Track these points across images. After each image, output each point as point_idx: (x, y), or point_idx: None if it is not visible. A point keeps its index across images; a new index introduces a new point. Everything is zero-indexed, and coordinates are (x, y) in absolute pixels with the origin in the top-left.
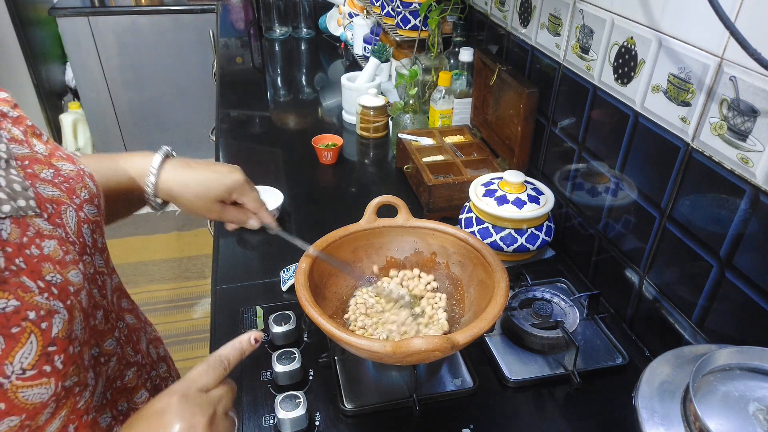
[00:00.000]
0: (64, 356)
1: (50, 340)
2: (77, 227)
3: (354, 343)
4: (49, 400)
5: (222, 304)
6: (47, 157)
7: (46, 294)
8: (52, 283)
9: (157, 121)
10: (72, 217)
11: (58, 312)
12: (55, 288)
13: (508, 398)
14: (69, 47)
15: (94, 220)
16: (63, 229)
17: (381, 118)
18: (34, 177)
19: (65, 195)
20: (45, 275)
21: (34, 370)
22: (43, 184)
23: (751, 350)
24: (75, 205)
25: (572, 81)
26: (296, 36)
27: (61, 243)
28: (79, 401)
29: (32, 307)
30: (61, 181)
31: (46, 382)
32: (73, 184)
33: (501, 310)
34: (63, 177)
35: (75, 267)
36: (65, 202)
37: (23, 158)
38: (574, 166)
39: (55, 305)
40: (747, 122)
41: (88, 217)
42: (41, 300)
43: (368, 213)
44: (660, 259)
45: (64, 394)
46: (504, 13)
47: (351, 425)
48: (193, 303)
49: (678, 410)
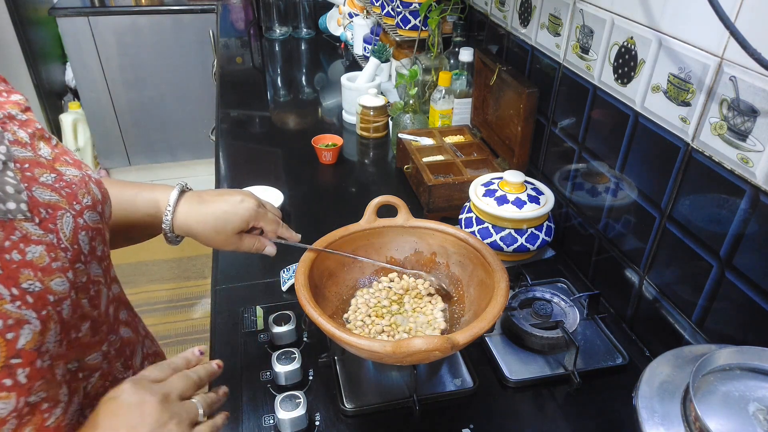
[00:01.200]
0: (29, 370)
1: (15, 352)
2: (73, 234)
3: (354, 343)
4: (8, 416)
5: (222, 305)
6: (51, 162)
7: (19, 302)
8: (29, 291)
9: (157, 120)
10: (68, 223)
11: (28, 322)
12: (31, 296)
13: (508, 398)
14: (69, 47)
15: (94, 227)
16: (55, 235)
17: (381, 118)
18: (32, 180)
19: (64, 200)
20: (22, 282)
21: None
22: (41, 188)
23: (751, 350)
24: (74, 211)
25: (572, 81)
26: (296, 36)
27: (49, 249)
28: (48, 418)
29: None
30: (62, 186)
31: (6, 396)
32: (75, 189)
33: (501, 310)
34: (65, 182)
35: (62, 275)
36: (63, 207)
37: (24, 161)
38: (574, 166)
39: (27, 314)
40: (747, 122)
41: (88, 223)
42: (11, 308)
43: (368, 213)
44: (660, 259)
45: (27, 410)
46: (504, 13)
47: (351, 425)
48: (193, 303)
49: (678, 410)
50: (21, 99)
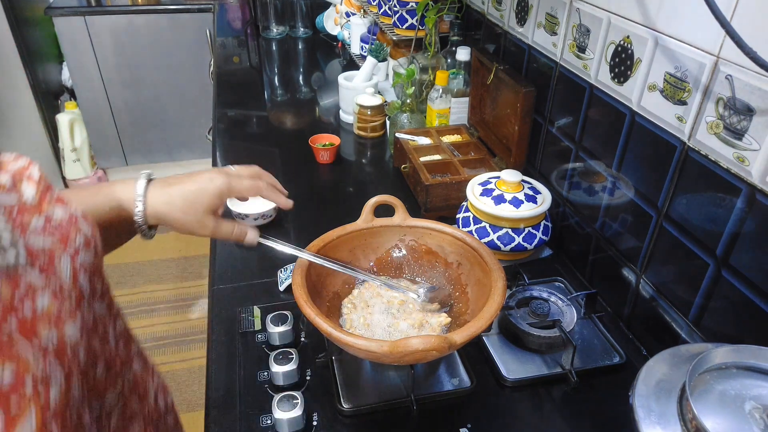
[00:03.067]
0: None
1: (48, 413)
2: (72, 276)
3: (351, 343)
4: None
5: (219, 305)
6: (37, 205)
7: (42, 358)
8: (49, 345)
9: (154, 120)
10: (66, 266)
11: (53, 377)
12: (53, 349)
13: (506, 397)
14: (65, 47)
15: (91, 266)
16: (57, 280)
17: (378, 117)
18: (23, 228)
19: (58, 243)
20: (41, 335)
21: None
22: (34, 235)
23: (747, 349)
24: (69, 252)
25: (569, 80)
26: (293, 35)
27: (55, 296)
28: None
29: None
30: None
31: None
32: (65, 231)
33: (498, 309)
34: (54, 225)
35: (72, 320)
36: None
37: (11, 208)
38: (571, 165)
39: (53, 370)
40: (743, 121)
41: (85, 263)
42: (37, 367)
43: (365, 212)
44: (657, 257)
45: None
46: (501, 12)
47: (348, 425)
48: (190, 303)
49: (674, 409)
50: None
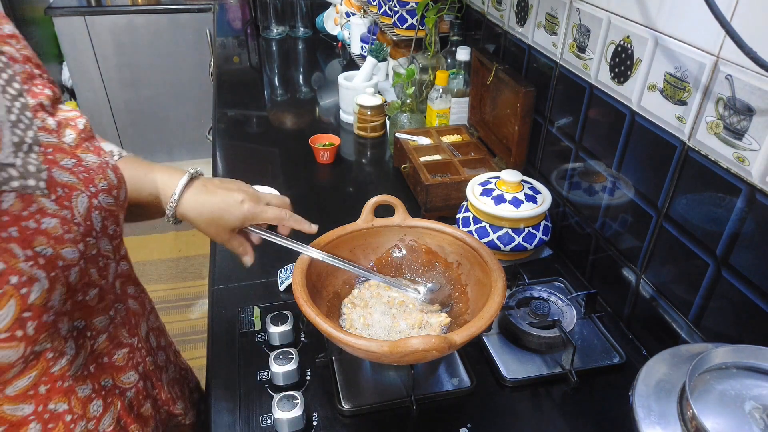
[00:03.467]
0: (37, 323)
1: (26, 307)
2: (87, 212)
3: (351, 343)
4: (16, 362)
5: (219, 305)
6: (73, 148)
7: (31, 262)
8: (41, 254)
9: (154, 120)
10: (83, 203)
11: (38, 280)
12: (42, 259)
13: (506, 397)
14: (65, 47)
15: (108, 209)
16: (70, 211)
17: (378, 117)
18: (53, 163)
19: (81, 183)
20: (36, 246)
21: (7, 333)
22: (60, 171)
23: (747, 349)
24: (89, 192)
25: (569, 80)
26: (293, 35)
27: (63, 222)
28: (52, 366)
29: (15, 272)
30: (80, 171)
31: (16, 345)
32: (92, 174)
33: (498, 309)
34: (83, 167)
35: (74, 246)
36: (79, 188)
37: (48, 146)
38: (571, 165)
39: (37, 273)
40: (743, 121)
41: (102, 205)
42: (25, 267)
43: (365, 212)
44: (657, 257)
45: (33, 357)
46: (501, 12)
47: (348, 425)
48: (190, 303)
49: (674, 409)
50: (51, 93)
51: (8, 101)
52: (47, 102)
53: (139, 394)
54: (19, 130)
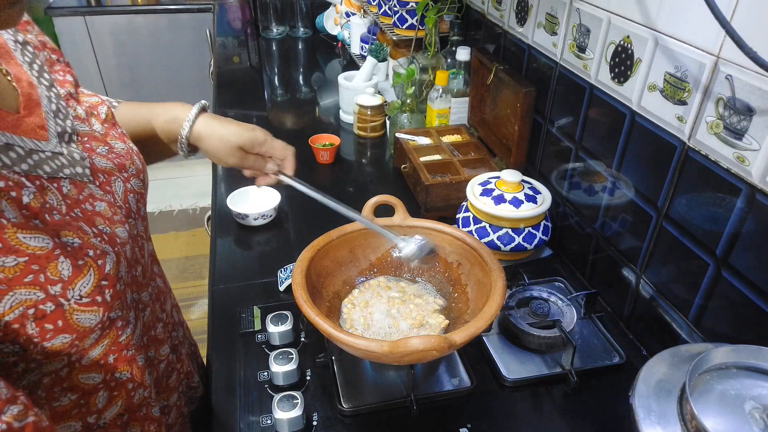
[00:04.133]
0: (112, 291)
1: (103, 276)
2: (124, 195)
3: (351, 343)
4: (95, 327)
5: (219, 305)
6: (103, 136)
7: (99, 239)
8: (104, 232)
9: None
10: (120, 187)
11: (108, 254)
12: (106, 236)
13: (506, 397)
14: (65, 47)
15: (138, 192)
16: (112, 196)
17: (378, 117)
18: (91, 151)
19: (116, 168)
20: (98, 225)
21: (89, 299)
22: (99, 157)
23: (747, 349)
24: (123, 177)
25: (569, 80)
26: (293, 35)
27: (110, 206)
28: (120, 335)
29: (91, 246)
30: (114, 157)
31: (96, 310)
32: (123, 160)
33: (498, 309)
34: (115, 154)
35: (122, 226)
36: (115, 173)
37: (83, 135)
38: (571, 165)
39: (106, 248)
40: (743, 121)
41: (134, 188)
42: (96, 242)
43: (365, 212)
44: (657, 257)
45: (108, 324)
46: (501, 12)
47: (348, 425)
48: (190, 304)
49: (674, 409)
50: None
51: (46, 90)
52: (72, 90)
53: (169, 365)
54: (60, 120)
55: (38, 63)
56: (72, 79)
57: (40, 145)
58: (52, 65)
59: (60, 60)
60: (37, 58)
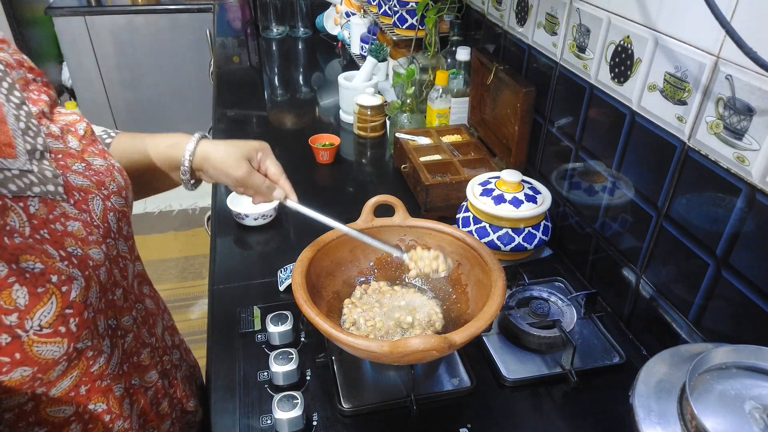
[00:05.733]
0: (78, 320)
1: (68, 303)
2: (103, 214)
3: (351, 343)
4: (60, 359)
5: (219, 305)
6: (80, 152)
7: (66, 262)
8: (73, 254)
9: (153, 120)
10: (98, 205)
11: (76, 279)
12: (75, 259)
13: (506, 397)
14: (65, 47)
15: (120, 210)
16: (88, 215)
17: (378, 117)
18: (66, 168)
19: (94, 186)
20: (67, 247)
21: (51, 329)
22: (74, 175)
23: (747, 349)
24: (102, 195)
25: (569, 80)
26: (293, 35)
27: (85, 225)
28: (92, 365)
29: (54, 272)
30: (92, 174)
31: (60, 341)
32: (102, 177)
33: (498, 309)
34: (93, 170)
35: (98, 247)
36: (93, 191)
37: (58, 152)
38: (571, 165)
39: (74, 272)
40: (743, 121)
41: (115, 206)
42: (62, 266)
43: (365, 213)
44: (657, 257)
45: (76, 355)
46: (501, 12)
47: (348, 425)
48: (190, 304)
49: (674, 409)
50: (48, 99)
51: (14, 109)
52: (46, 108)
53: (158, 392)
54: (29, 137)
55: (8, 81)
56: (47, 99)
57: (6, 162)
58: (27, 84)
59: (38, 80)
60: (7, 76)
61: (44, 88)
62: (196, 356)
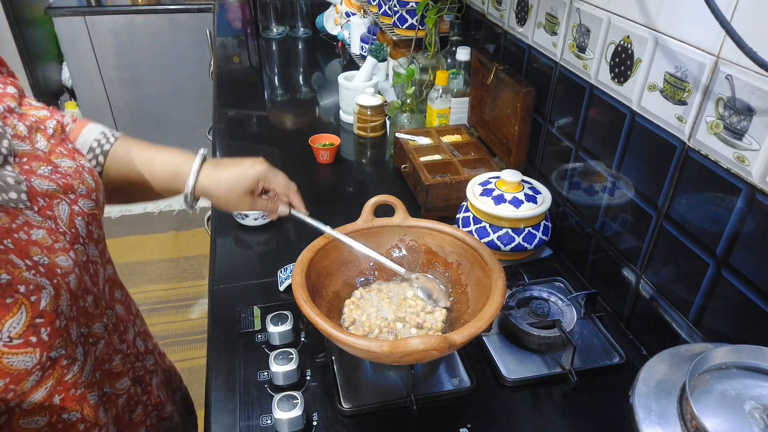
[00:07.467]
0: (50, 329)
1: (38, 313)
2: (69, 219)
3: (351, 343)
4: (33, 368)
5: (219, 305)
6: (47, 154)
7: (33, 271)
8: (40, 263)
9: (154, 120)
10: (65, 210)
11: (44, 288)
12: (42, 267)
13: (506, 397)
14: (65, 47)
15: (89, 213)
16: (53, 221)
17: (378, 117)
18: (30, 173)
19: (60, 190)
20: (33, 256)
21: (21, 339)
22: (39, 179)
23: (747, 349)
24: (69, 199)
25: (569, 80)
26: (293, 35)
27: (50, 233)
28: (66, 374)
29: (22, 282)
30: (58, 177)
31: (32, 351)
32: (70, 180)
33: (498, 309)
34: (60, 173)
35: (65, 254)
36: (59, 196)
37: (23, 155)
38: (571, 165)
39: (42, 281)
40: (743, 121)
41: (84, 210)
42: (29, 276)
43: (365, 212)
44: (657, 257)
45: (50, 364)
46: (501, 12)
47: (348, 425)
48: (190, 303)
49: (674, 409)
50: (15, 92)
51: None
52: (13, 103)
53: (131, 399)
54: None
55: None
56: (15, 91)
57: None
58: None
59: (2, 70)
60: None
61: (9, 79)
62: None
